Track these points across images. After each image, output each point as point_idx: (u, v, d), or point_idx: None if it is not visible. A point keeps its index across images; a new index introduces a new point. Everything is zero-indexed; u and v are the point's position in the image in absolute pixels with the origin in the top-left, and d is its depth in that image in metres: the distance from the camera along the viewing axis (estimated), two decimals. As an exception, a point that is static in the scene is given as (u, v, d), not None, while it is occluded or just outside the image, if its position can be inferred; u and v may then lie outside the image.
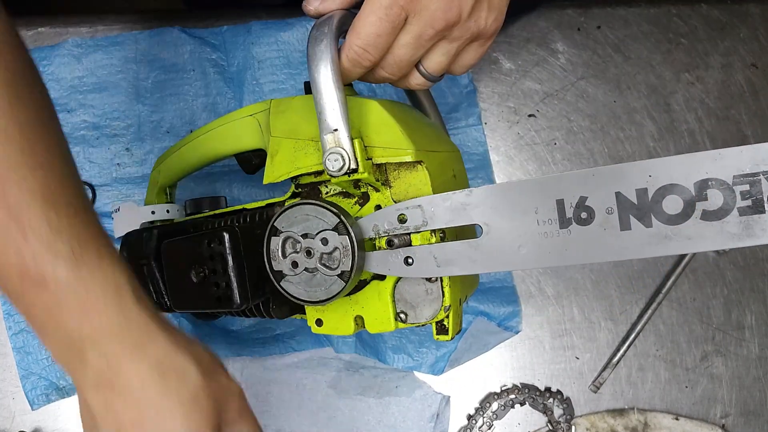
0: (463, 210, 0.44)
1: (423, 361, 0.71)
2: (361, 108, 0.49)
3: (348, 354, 0.71)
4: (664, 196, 0.37)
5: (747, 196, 0.35)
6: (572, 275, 0.74)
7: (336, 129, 0.44)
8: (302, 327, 0.73)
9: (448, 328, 0.49)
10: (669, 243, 0.37)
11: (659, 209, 0.37)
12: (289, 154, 0.51)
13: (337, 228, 0.46)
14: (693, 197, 0.37)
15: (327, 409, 0.69)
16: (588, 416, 0.71)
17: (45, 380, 0.71)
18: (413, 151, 0.47)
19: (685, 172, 0.37)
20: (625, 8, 0.77)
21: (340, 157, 0.45)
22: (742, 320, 0.73)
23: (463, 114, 0.75)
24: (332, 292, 0.48)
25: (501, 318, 0.72)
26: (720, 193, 0.36)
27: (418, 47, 0.46)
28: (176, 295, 0.55)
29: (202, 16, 0.77)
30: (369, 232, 0.47)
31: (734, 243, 0.36)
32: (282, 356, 0.71)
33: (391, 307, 0.50)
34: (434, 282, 0.49)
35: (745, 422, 0.71)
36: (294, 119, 0.52)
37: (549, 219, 0.40)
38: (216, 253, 0.50)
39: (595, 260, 0.39)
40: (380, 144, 0.48)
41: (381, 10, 0.43)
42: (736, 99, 0.76)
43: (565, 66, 0.76)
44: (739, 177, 0.35)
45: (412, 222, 0.45)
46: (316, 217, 0.47)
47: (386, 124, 0.48)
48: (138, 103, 0.75)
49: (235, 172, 0.75)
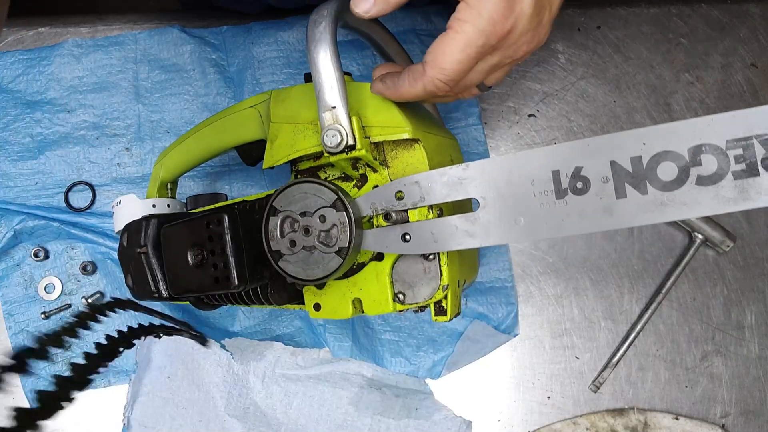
0: (459, 184, 0.44)
1: (420, 365, 0.71)
2: (359, 91, 0.50)
3: (370, 371, 0.71)
4: (658, 163, 0.37)
5: (741, 159, 0.35)
6: (572, 275, 0.74)
7: (334, 106, 0.45)
8: (302, 329, 0.73)
9: (446, 309, 0.49)
10: (665, 209, 0.37)
11: (654, 176, 0.38)
12: (288, 137, 0.52)
13: (335, 205, 0.47)
14: (687, 163, 0.37)
15: (346, 428, 0.69)
16: (588, 416, 0.71)
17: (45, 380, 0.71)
18: (410, 129, 0.48)
19: (678, 139, 0.37)
20: (625, 8, 0.77)
21: (338, 133, 0.46)
22: (742, 320, 0.73)
23: (463, 114, 0.75)
24: (330, 269, 0.48)
25: (499, 320, 0.72)
26: (714, 158, 0.36)
27: (491, 71, 0.47)
28: (175, 279, 0.56)
29: (202, 16, 0.77)
30: (367, 210, 0.48)
31: (730, 207, 0.36)
32: (305, 368, 0.71)
33: (389, 287, 0.50)
34: (432, 260, 0.49)
35: (745, 422, 0.71)
36: (294, 106, 0.52)
37: (545, 190, 0.41)
38: (215, 234, 0.51)
39: (592, 229, 0.39)
40: (378, 123, 0.49)
41: (472, 49, 0.43)
42: (736, 99, 0.76)
43: (565, 66, 0.76)
44: (733, 141, 0.36)
45: (410, 198, 0.46)
46: (314, 194, 0.48)
47: (383, 104, 0.49)
48: (138, 103, 0.75)
49: (235, 172, 0.75)
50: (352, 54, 0.75)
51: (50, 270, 0.73)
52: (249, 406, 0.70)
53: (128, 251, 0.60)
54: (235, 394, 0.70)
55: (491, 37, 0.42)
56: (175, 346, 0.70)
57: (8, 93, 0.75)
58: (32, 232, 0.72)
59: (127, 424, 0.70)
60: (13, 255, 0.73)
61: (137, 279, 0.60)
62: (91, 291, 0.73)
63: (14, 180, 0.74)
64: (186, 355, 0.70)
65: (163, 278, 0.58)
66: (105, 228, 0.73)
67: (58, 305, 0.72)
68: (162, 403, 0.69)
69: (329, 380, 0.70)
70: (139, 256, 0.58)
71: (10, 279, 0.73)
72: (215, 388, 0.70)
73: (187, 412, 0.69)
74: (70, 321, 0.46)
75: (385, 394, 0.70)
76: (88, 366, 0.45)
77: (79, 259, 0.73)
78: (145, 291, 0.59)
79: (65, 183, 0.74)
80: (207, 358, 0.70)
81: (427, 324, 0.72)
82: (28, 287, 0.73)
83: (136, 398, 0.69)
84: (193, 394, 0.70)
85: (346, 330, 0.71)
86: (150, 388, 0.69)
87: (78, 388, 0.44)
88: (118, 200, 0.64)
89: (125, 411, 0.71)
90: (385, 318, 0.72)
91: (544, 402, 0.72)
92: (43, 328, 0.72)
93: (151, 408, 0.69)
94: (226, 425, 0.69)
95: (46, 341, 0.43)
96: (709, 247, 0.73)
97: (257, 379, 0.70)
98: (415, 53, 0.73)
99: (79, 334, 0.46)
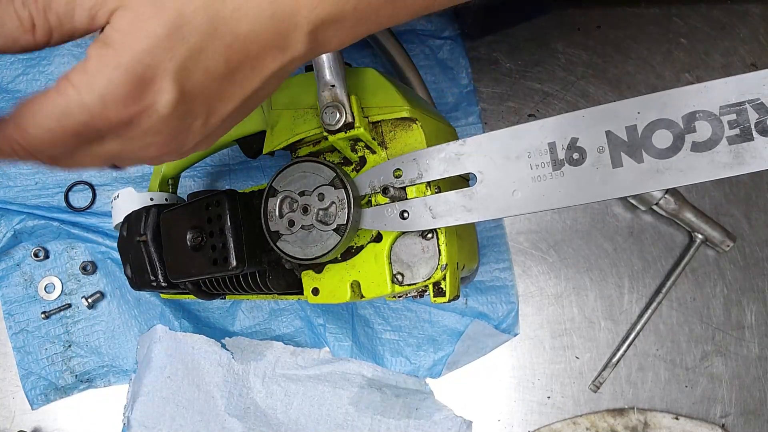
0: (457, 160, 0.44)
1: (420, 365, 0.71)
2: (357, 75, 0.51)
3: (370, 370, 0.71)
4: (653, 131, 0.38)
5: (735, 125, 0.36)
6: (572, 275, 0.74)
7: (333, 85, 0.46)
8: (302, 328, 0.73)
9: (445, 290, 0.49)
10: (661, 177, 0.38)
11: (649, 144, 0.38)
12: (288, 122, 0.52)
13: (334, 182, 0.47)
14: (682, 130, 0.37)
15: (346, 428, 0.69)
16: (588, 416, 0.71)
17: (45, 380, 0.71)
18: (408, 108, 0.49)
19: (672, 107, 0.37)
20: (625, 8, 0.77)
21: (336, 111, 0.46)
22: (742, 320, 0.73)
23: (463, 114, 0.75)
24: (328, 247, 0.48)
25: (499, 320, 0.72)
26: (708, 124, 0.36)
27: (111, 160, 0.38)
28: (173, 263, 0.56)
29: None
30: (365, 189, 0.48)
31: (726, 172, 0.36)
32: (305, 368, 0.71)
33: (387, 268, 0.50)
34: (430, 239, 0.49)
35: (745, 422, 0.71)
36: (294, 92, 0.53)
37: (542, 162, 0.41)
38: (214, 216, 0.51)
39: (590, 200, 0.39)
40: (376, 104, 0.49)
41: (70, 122, 0.33)
42: (736, 99, 0.76)
43: (565, 66, 0.76)
44: (726, 107, 0.36)
45: (408, 175, 0.46)
46: (313, 173, 0.48)
47: (382, 85, 0.50)
48: (138, 102, 0.75)
49: (235, 172, 0.75)
50: (352, 54, 0.75)
51: (50, 270, 0.73)
52: (249, 406, 0.70)
53: (128, 240, 0.60)
54: (236, 393, 0.70)
55: (99, 119, 0.32)
56: (175, 346, 0.70)
57: (8, 93, 0.75)
58: (32, 231, 0.72)
59: (127, 424, 0.69)
60: (13, 255, 0.73)
61: (136, 268, 0.60)
62: (91, 291, 0.73)
63: (14, 180, 0.74)
64: (186, 355, 0.70)
65: (162, 267, 0.58)
66: (105, 228, 0.73)
67: (58, 305, 0.72)
68: (162, 403, 0.69)
69: (329, 380, 0.70)
70: (138, 245, 0.59)
71: (10, 279, 0.73)
72: (215, 388, 0.69)
73: (187, 412, 0.69)
74: None
75: (386, 394, 0.70)
76: None
77: (79, 258, 0.73)
78: (143, 280, 0.60)
79: (65, 182, 0.74)
80: (207, 358, 0.70)
81: (428, 323, 0.72)
82: (28, 287, 0.73)
83: (136, 398, 0.69)
84: (193, 394, 0.70)
85: (346, 329, 0.71)
86: (150, 388, 0.69)
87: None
88: (116, 194, 0.64)
89: (125, 411, 0.71)
90: (385, 317, 0.72)
91: (544, 402, 0.72)
92: (43, 328, 0.72)
93: (151, 408, 0.69)
94: (226, 425, 0.69)
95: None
96: (709, 247, 0.73)
97: (257, 379, 0.70)
98: (415, 53, 0.74)
99: None
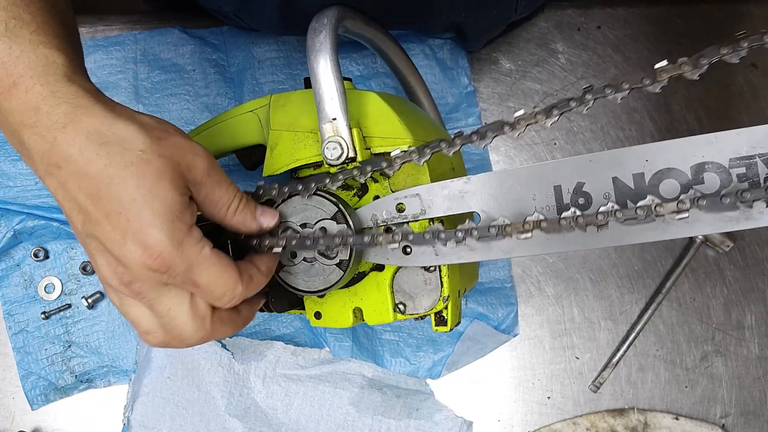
0: (461, 198, 0.44)
1: (420, 365, 0.71)
2: (359, 100, 0.50)
3: (371, 371, 0.71)
4: (660, 180, 0.37)
5: (744, 179, 0.35)
6: (572, 275, 0.73)
7: (335, 118, 0.45)
8: (302, 329, 0.73)
9: (446, 320, 0.49)
10: (667, 227, 0.37)
11: (656, 193, 0.37)
12: (288, 146, 0.51)
13: (336, 217, 0.47)
14: (690, 181, 0.37)
15: (346, 428, 0.69)
16: (588, 416, 0.71)
17: (45, 380, 0.71)
18: (411, 140, 0.48)
19: (681, 156, 0.37)
20: (625, 8, 0.77)
21: (338, 145, 0.45)
22: (742, 320, 0.73)
23: (463, 114, 0.75)
24: (330, 281, 0.48)
25: (499, 320, 0.72)
26: (716, 176, 0.36)
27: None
28: None
29: (202, 16, 0.77)
30: (368, 222, 0.47)
31: (732, 226, 0.35)
32: (306, 368, 0.71)
33: (389, 298, 0.50)
34: (433, 272, 0.49)
35: (745, 422, 0.71)
36: (294, 112, 0.52)
37: (547, 205, 0.40)
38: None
39: (595, 246, 0.39)
40: (379, 134, 0.48)
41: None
42: (736, 99, 0.76)
43: (565, 66, 0.76)
44: (736, 160, 0.35)
45: (411, 211, 0.45)
46: (314, 206, 0.47)
47: (385, 114, 0.49)
48: (138, 103, 0.75)
49: (234, 173, 0.75)
50: (352, 54, 0.75)
51: (50, 270, 0.73)
52: (250, 406, 0.70)
53: None
54: (236, 394, 0.70)
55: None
56: (175, 346, 0.70)
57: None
58: (32, 232, 0.72)
59: (127, 424, 0.70)
60: (13, 255, 0.73)
61: None
62: (91, 291, 0.73)
63: (14, 180, 0.74)
64: (186, 355, 0.70)
65: None
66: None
67: (58, 305, 0.72)
68: (162, 403, 0.69)
69: (330, 380, 0.70)
70: None
71: (10, 279, 0.73)
72: (216, 388, 0.69)
73: (188, 412, 0.69)
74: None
75: (386, 395, 0.70)
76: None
77: (79, 259, 0.73)
78: None
79: (65, 183, 0.74)
80: (207, 358, 0.70)
81: (427, 324, 0.72)
82: (28, 287, 0.73)
83: (136, 398, 0.69)
84: (194, 394, 0.70)
85: (346, 330, 0.72)
86: (150, 388, 0.69)
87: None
88: None
89: (125, 411, 0.71)
90: (385, 318, 0.72)
91: (544, 402, 0.72)
92: (43, 328, 0.72)
93: (151, 408, 0.69)
94: (226, 425, 0.69)
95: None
96: (709, 247, 0.73)
97: (258, 379, 0.70)
98: (415, 53, 0.73)
99: None
